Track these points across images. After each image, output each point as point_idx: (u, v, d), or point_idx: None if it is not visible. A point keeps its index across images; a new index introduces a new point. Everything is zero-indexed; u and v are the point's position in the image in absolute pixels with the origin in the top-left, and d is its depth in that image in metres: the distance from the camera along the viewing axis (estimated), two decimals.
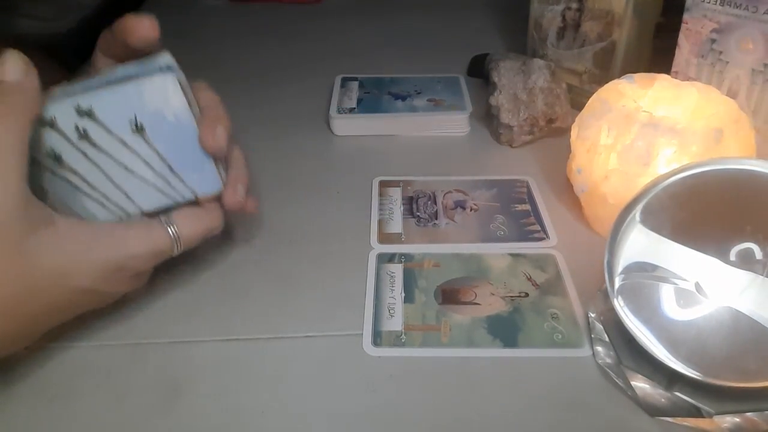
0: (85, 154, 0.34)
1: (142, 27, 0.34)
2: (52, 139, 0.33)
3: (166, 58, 0.35)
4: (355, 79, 0.65)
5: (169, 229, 0.36)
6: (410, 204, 0.49)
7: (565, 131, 0.53)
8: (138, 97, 0.33)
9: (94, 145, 0.34)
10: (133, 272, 0.35)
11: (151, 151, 0.35)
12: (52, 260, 0.31)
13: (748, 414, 0.31)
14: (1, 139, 0.29)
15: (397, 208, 0.49)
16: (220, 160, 0.38)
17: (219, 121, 0.36)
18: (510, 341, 0.37)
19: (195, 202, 0.37)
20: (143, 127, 0.34)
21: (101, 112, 0.33)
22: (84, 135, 0.33)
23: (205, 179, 0.37)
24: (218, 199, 0.38)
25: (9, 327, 0.31)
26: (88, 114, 0.33)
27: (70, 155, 0.34)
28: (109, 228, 0.34)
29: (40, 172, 0.33)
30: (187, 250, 0.38)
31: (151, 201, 0.36)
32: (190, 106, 0.35)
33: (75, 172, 0.34)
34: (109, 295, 0.36)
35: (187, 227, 0.36)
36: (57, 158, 0.33)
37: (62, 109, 0.33)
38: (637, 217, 0.34)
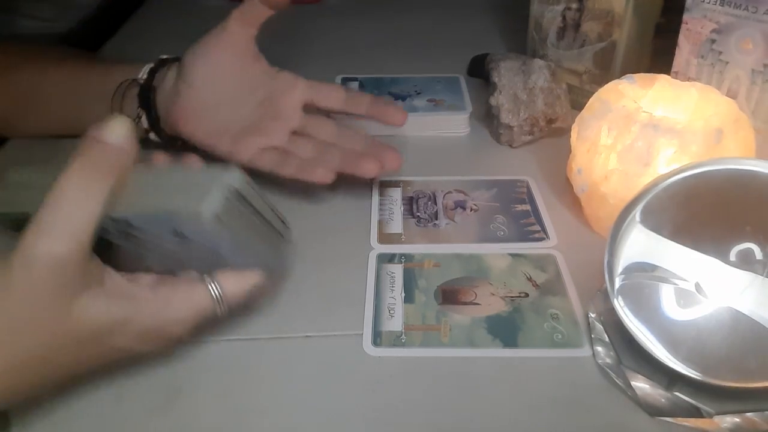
0: (132, 243, 0.33)
1: None
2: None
3: (227, 179, 0.32)
4: (355, 79, 0.65)
5: (211, 289, 0.34)
6: (410, 204, 0.49)
7: (565, 131, 0.53)
8: (172, 219, 0.32)
9: (137, 240, 0.33)
10: (171, 336, 0.34)
11: (196, 246, 0.33)
12: (96, 320, 0.30)
13: (748, 414, 0.31)
14: (84, 202, 0.29)
15: (397, 209, 0.49)
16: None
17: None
18: (510, 341, 0.37)
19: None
20: (184, 235, 0.32)
21: (137, 225, 0.32)
22: (127, 235, 0.32)
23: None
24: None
25: (31, 381, 0.31)
26: (126, 223, 0.32)
27: (118, 240, 0.32)
28: (153, 290, 0.33)
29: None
30: (233, 309, 0.35)
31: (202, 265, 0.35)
32: (238, 216, 0.33)
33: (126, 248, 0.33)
34: (140, 353, 0.34)
35: (230, 285, 0.34)
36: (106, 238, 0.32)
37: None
38: (637, 217, 0.34)
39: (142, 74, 0.49)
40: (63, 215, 0.28)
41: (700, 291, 0.32)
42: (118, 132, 0.30)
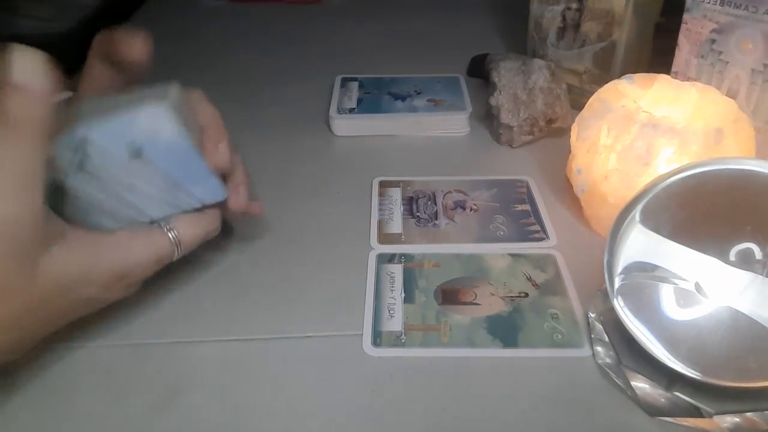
0: (87, 181, 0.34)
1: (133, 48, 0.36)
2: (53, 170, 0.33)
3: (169, 89, 0.36)
4: (355, 79, 0.65)
5: (169, 234, 0.37)
6: (410, 204, 0.49)
7: (565, 131, 0.53)
8: (132, 126, 0.34)
9: (93, 173, 0.34)
10: (134, 279, 0.36)
11: (153, 171, 0.35)
12: (61, 273, 0.31)
13: (748, 414, 0.31)
14: (21, 158, 0.29)
15: (397, 209, 0.49)
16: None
17: (220, 138, 0.38)
18: (510, 341, 0.37)
19: (200, 209, 0.38)
20: (141, 152, 0.34)
21: (97, 142, 0.33)
22: (81, 167, 0.34)
23: (209, 189, 0.38)
24: (217, 203, 0.39)
25: (14, 336, 0.32)
26: (84, 144, 0.33)
27: (73, 181, 0.34)
28: (114, 237, 0.34)
29: (53, 191, 0.33)
30: (187, 253, 0.38)
31: (159, 211, 0.37)
32: (188, 125, 0.36)
33: (81, 196, 0.34)
34: (106, 302, 0.36)
35: (187, 231, 0.37)
36: (61, 186, 0.34)
37: (59, 143, 0.33)
38: (637, 217, 0.34)
39: None
40: (4, 179, 0.28)
41: (700, 291, 0.32)
42: (28, 70, 0.28)
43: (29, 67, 0.28)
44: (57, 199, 0.34)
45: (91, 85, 0.38)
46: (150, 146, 0.34)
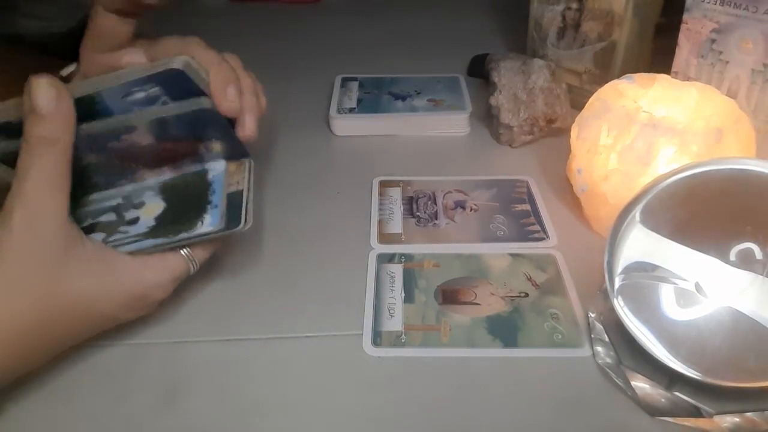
0: (81, 138, 0.35)
1: None
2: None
3: (173, 60, 0.35)
4: (355, 79, 0.65)
5: (182, 252, 0.37)
6: (410, 204, 0.49)
7: (565, 131, 0.53)
8: (153, 77, 0.34)
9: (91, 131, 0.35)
10: (153, 300, 0.36)
11: (173, 110, 0.36)
12: (82, 282, 0.32)
13: (748, 414, 0.31)
14: (52, 166, 0.32)
15: (397, 208, 0.49)
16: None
17: (226, 81, 0.37)
18: (510, 341, 0.37)
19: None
20: (163, 92, 0.35)
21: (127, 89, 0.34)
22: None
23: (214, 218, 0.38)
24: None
25: (35, 346, 0.33)
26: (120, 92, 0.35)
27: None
28: (130, 259, 0.35)
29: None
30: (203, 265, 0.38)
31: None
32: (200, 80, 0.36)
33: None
34: (127, 320, 0.36)
35: (199, 246, 0.37)
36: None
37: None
38: (637, 217, 0.34)
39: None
40: (30, 190, 0.31)
41: (700, 291, 0.32)
42: (46, 96, 0.32)
43: (44, 94, 0.32)
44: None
45: (96, 40, 0.38)
46: (170, 88, 0.35)
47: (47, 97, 0.32)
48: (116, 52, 0.38)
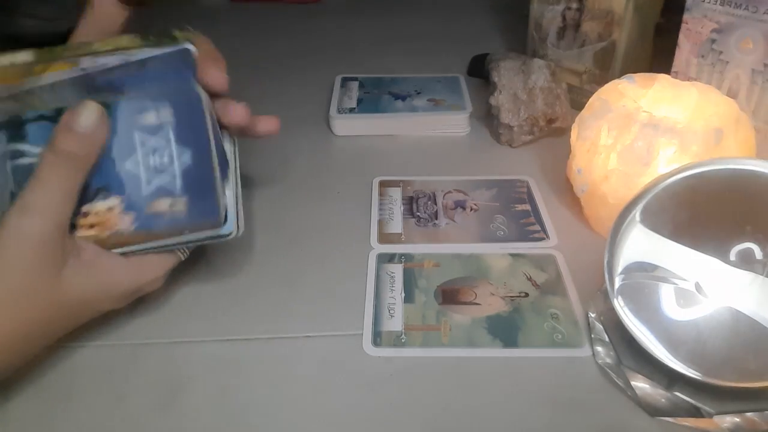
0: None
1: None
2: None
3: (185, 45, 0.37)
4: (355, 79, 0.65)
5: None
6: (410, 204, 0.49)
7: (565, 131, 0.53)
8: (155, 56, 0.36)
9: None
10: (145, 292, 0.38)
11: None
12: (81, 288, 0.34)
13: (748, 414, 0.31)
14: (59, 183, 0.32)
15: (397, 208, 0.49)
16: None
17: (215, 62, 0.40)
18: (510, 341, 0.37)
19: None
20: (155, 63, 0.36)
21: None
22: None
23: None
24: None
25: (36, 344, 0.34)
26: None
27: None
28: (126, 260, 0.36)
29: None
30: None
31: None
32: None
33: None
34: (115, 308, 0.38)
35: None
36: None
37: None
38: (637, 217, 0.34)
39: None
40: (45, 199, 0.32)
41: (700, 291, 0.32)
42: (89, 118, 0.33)
43: (89, 115, 0.33)
44: None
45: (91, 26, 0.39)
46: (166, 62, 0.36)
47: (91, 119, 0.33)
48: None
